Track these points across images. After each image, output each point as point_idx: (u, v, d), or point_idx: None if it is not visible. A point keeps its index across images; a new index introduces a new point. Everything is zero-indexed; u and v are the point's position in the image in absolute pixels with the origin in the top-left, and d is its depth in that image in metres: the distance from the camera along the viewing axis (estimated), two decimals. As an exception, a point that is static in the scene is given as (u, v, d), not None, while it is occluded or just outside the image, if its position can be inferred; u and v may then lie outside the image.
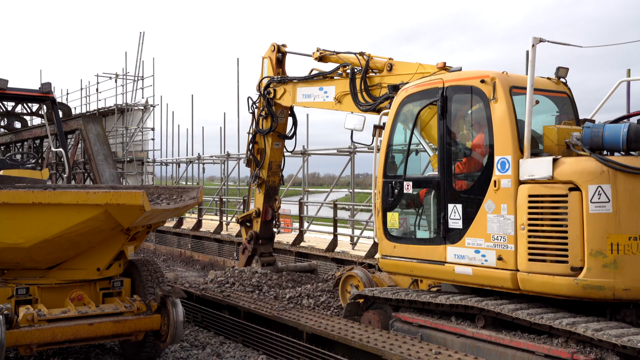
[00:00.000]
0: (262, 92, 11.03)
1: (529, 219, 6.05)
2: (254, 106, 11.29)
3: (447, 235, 6.84)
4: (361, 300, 7.95)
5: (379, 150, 7.87)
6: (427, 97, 7.29)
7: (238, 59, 22.15)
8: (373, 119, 8.26)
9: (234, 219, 19.74)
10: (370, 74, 9.06)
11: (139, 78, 25.03)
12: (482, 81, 6.63)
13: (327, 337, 7.03)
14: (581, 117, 7.24)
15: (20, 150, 24.44)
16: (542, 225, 5.99)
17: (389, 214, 7.61)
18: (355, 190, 16.99)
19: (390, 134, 7.68)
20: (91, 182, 23.41)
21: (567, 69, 7.33)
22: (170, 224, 19.72)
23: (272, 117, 10.97)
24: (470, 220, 6.61)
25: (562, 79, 7.33)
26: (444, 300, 6.70)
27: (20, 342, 6.03)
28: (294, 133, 11.30)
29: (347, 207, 18.37)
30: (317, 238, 16.02)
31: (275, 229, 11.76)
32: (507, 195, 6.26)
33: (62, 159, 13.85)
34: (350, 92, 9.16)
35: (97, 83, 26.79)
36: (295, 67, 11.30)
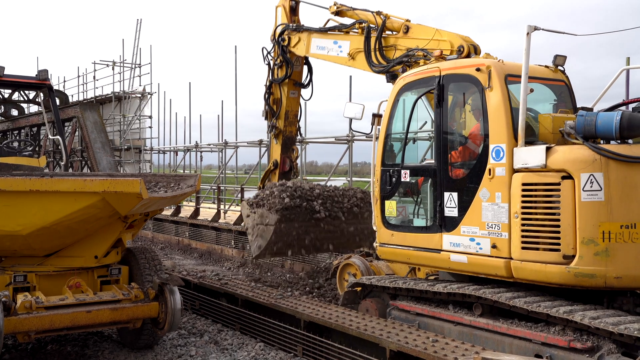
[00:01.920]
0: (276, 39, 10.83)
1: (522, 207, 6.05)
2: (269, 56, 11.08)
3: (443, 224, 6.85)
4: (359, 289, 7.97)
5: (377, 139, 7.87)
6: (425, 85, 7.29)
7: (236, 46, 22.12)
8: (372, 107, 8.25)
9: (231, 207, 19.76)
10: (386, 34, 8.83)
11: (136, 65, 24.96)
12: (478, 69, 6.61)
13: (324, 325, 7.04)
14: (580, 105, 7.22)
15: (18, 137, 24.39)
16: (535, 213, 5.99)
17: (386, 202, 7.62)
18: (354, 178, 17.00)
19: (388, 123, 7.66)
20: (88, 170, 23.39)
21: (564, 57, 7.31)
22: (168, 212, 19.71)
23: (287, 64, 10.77)
24: (466, 209, 6.61)
25: (559, 67, 7.30)
26: (441, 288, 6.71)
27: (18, 329, 6.04)
28: (310, 80, 11.03)
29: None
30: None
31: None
32: (502, 183, 6.26)
33: (59, 147, 13.82)
34: (364, 51, 8.99)
35: (95, 70, 26.75)
36: (308, 18, 10.91)
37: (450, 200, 6.78)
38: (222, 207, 18.93)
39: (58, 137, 12.75)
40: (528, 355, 5.75)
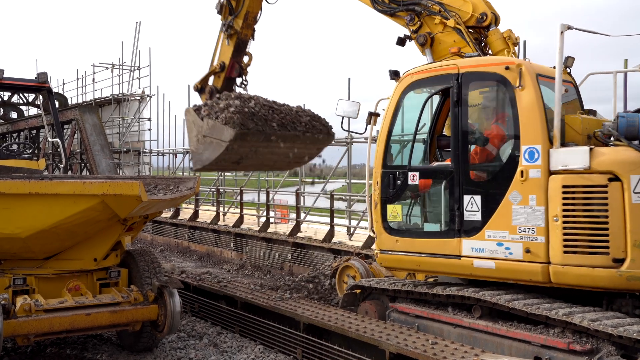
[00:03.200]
0: None
1: (564, 210, 5.87)
2: None
3: (462, 228, 6.56)
4: (358, 291, 7.96)
5: (374, 139, 7.57)
6: (438, 83, 6.97)
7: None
8: (368, 106, 7.89)
9: (230, 210, 19.75)
10: None
11: (136, 68, 24.93)
12: (507, 68, 6.37)
13: (324, 328, 7.04)
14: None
15: (17, 140, 24.38)
16: (579, 216, 5.82)
17: (389, 207, 7.23)
18: (352, 180, 16.98)
19: (391, 122, 7.29)
20: (88, 172, 23.36)
21: (574, 59, 7.21)
22: (167, 214, 19.70)
23: None
24: (491, 212, 6.34)
25: (568, 69, 7.17)
26: (440, 290, 6.71)
27: (17, 332, 6.03)
28: None
29: (344, 197, 18.40)
30: (314, 229, 16.02)
31: (240, 89, 9.74)
32: (537, 185, 6.05)
33: (58, 149, 13.80)
34: None
35: (94, 73, 26.70)
36: None
37: (472, 204, 6.51)
38: (221, 209, 18.91)
39: (57, 139, 12.74)
40: (527, 358, 5.76)
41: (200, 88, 9.46)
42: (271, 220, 16.51)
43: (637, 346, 5.15)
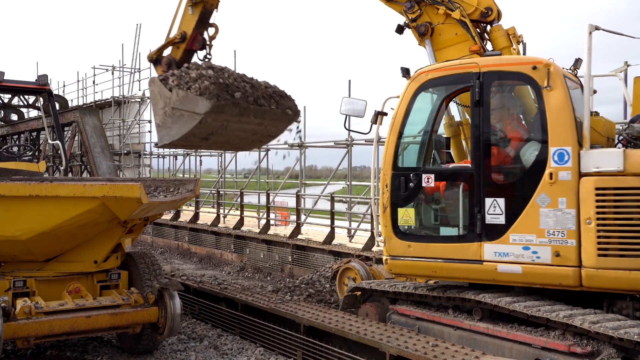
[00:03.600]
0: None
1: (597, 213, 5.79)
2: None
3: (484, 232, 6.34)
4: (358, 293, 7.96)
5: (380, 140, 7.27)
6: (457, 82, 6.72)
7: (235, 51, 22.12)
8: (374, 105, 7.51)
9: (231, 212, 19.75)
10: None
11: (136, 70, 24.95)
12: (534, 68, 6.19)
13: (324, 330, 7.04)
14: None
15: (17, 142, 24.38)
16: (614, 219, 5.75)
17: (400, 210, 6.86)
18: (353, 182, 16.99)
19: (403, 122, 6.92)
20: (88, 174, 23.36)
21: (582, 61, 7.13)
22: (167, 216, 19.69)
23: None
24: (516, 215, 6.17)
25: (576, 70, 7.09)
26: (441, 293, 6.70)
27: (17, 334, 6.03)
28: None
29: (344, 199, 18.39)
30: (314, 231, 16.02)
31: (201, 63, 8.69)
32: (567, 188, 5.94)
33: (58, 152, 13.77)
34: None
35: (94, 75, 26.72)
36: None
37: (494, 207, 6.31)
38: (221, 211, 18.91)
39: (57, 141, 12.73)
40: (528, 360, 5.76)
41: (156, 59, 8.55)
42: (271, 222, 16.52)
43: (638, 349, 5.15)
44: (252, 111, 7.42)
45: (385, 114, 7.32)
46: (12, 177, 8.57)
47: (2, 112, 24.49)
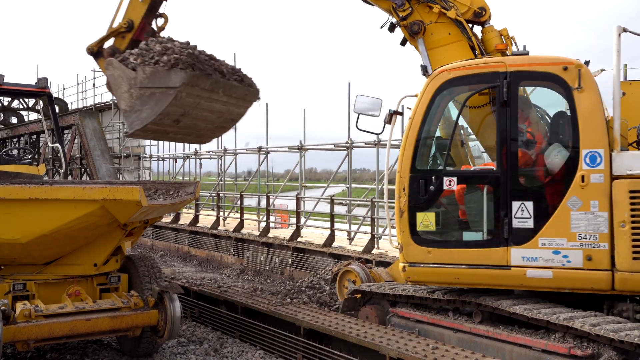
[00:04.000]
0: None
1: (632, 216, 5.73)
2: None
3: (511, 236, 6.16)
4: (358, 296, 7.95)
5: (403, 141, 6.80)
6: (482, 81, 6.47)
7: (235, 53, 22.13)
8: (390, 104, 7.19)
9: (231, 214, 19.74)
10: None
11: (136, 73, 24.95)
12: (565, 68, 6.06)
13: (324, 332, 7.04)
14: None
15: (17, 145, 24.39)
16: None
17: (419, 215, 6.53)
18: (353, 185, 16.98)
19: (422, 123, 6.59)
20: (88, 177, 23.37)
21: (589, 62, 7.11)
22: (167, 219, 19.69)
23: None
24: (545, 219, 6.04)
25: None
26: (441, 295, 6.70)
27: (17, 337, 6.03)
28: None
29: (344, 202, 18.38)
30: (314, 233, 16.01)
31: None
32: (599, 191, 5.85)
33: (58, 155, 13.79)
34: None
35: (94, 78, 26.75)
36: None
37: (522, 210, 6.14)
38: (221, 214, 18.91)
39: (57, 144, 12.73)
40: (528, 362, 5.75)
41: (97, 51, 7.90)
42: (271, 225, 16.51)
43: (639, 351, 5.14)
44: (222, 85, 7.01)
45: (401, 114, 7.13)
46: (11, 180, 8.57)
47: (2, 115, 24.52)
